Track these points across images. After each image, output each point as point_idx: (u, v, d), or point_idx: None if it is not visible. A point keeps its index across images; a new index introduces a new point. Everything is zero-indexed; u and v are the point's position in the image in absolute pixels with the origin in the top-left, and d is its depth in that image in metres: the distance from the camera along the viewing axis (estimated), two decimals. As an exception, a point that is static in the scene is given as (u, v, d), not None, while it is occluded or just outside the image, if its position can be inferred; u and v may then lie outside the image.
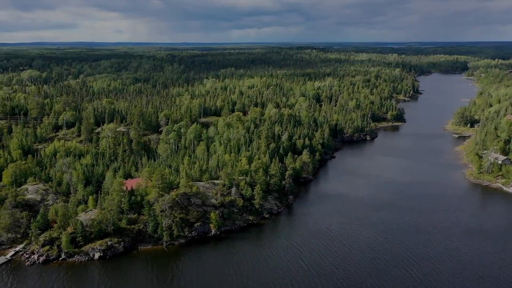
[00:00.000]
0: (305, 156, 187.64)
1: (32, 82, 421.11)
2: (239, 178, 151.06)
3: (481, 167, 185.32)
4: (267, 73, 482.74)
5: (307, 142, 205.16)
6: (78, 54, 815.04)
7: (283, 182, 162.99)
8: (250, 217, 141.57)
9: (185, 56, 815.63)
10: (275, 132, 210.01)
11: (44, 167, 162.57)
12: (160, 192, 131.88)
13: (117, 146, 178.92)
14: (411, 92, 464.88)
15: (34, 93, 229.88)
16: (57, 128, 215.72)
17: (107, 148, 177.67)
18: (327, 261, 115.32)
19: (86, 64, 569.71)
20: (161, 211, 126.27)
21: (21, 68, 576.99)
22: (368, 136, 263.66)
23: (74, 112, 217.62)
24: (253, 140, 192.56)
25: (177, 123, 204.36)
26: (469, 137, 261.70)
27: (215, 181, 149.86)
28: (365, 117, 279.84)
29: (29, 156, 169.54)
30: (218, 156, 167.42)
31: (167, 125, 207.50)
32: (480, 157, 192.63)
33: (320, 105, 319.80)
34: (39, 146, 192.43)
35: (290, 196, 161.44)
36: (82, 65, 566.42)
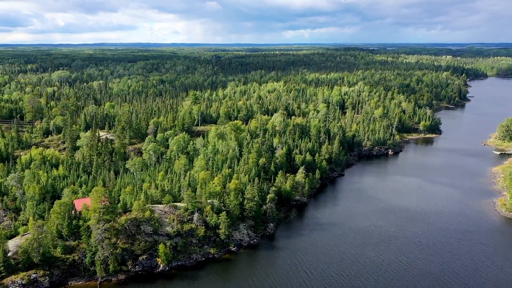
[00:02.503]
0: (300, 174, 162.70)
1: (60, 83, 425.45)
2: (208, 201, 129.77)
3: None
4: (298, 76, 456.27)
5: (308, 157, 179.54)
6: (124, 55, 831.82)
7: (264, 207, 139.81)
8: (212, 250, 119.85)
9: (228, 58, 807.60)
10: (274, 145, 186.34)
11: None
12: (104, 217, 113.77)
13: (93, 156, 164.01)
14: (457, 98, 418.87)
15: (31, 96, 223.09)
16: (48, 133, 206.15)
17: (82, 159, 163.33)
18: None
19: (119, 65, 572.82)
20: (96, 240, 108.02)
21: (61, 68, 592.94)
22: (390, 150, 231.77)
23: (64, 117, 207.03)
24: (244, 154, 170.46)
25: (167, 132, 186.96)
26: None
27: (178, 204, 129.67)
28: (390, 127, 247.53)
29: (0, 164, 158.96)
30: (194, 173, 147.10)
31: (156, 133, 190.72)
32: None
33: (344, 113, 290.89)
34: (22, 153, 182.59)
35: (271, 224, 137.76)
36: (115, 66, 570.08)
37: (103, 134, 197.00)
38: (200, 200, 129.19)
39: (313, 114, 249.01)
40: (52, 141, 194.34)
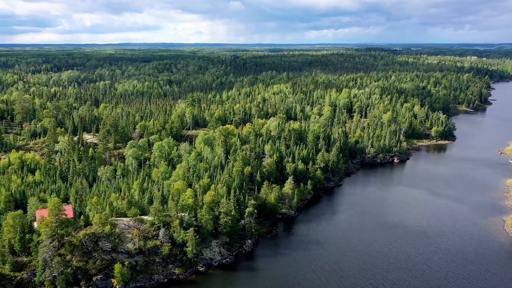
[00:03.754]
0: (288, 185, 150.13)
1: (68, 83, 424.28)
2: (178, 215, 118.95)
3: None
4: (309, 77, 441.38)
5: (300, 166, 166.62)
6: (143, 55, 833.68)
7: (243, 221, 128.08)
8: (177, 270, 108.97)
9: (245, 58, 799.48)
10: (266, 152, 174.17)
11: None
12: (59, 232, 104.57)
13: (72, 162, 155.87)
14: (477, 102, 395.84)
15: (21, 97, 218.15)
16: (35, 135, 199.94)
17: (59, 164, 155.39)
18: None
19: (132, 65, 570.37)
20: (43, 258, 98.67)
21: (76, 68, 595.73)
22: (396, 158, 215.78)
23: (52, 119, 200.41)
24: (230, 162, 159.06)
25: (152, 136, 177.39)
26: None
27: (145, 217, 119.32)
28: (396, 133, 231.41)
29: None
30: (170, 183, 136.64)
31: (142, 137, 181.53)
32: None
33: (352, 117, 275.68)
34: (3, 156, 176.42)
35: (249, 241, 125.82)
36: (127, 66, 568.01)
37: (89, 137, 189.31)
38: (170, 213, 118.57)
39: (314, 118, 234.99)
40: (37, 144, 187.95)
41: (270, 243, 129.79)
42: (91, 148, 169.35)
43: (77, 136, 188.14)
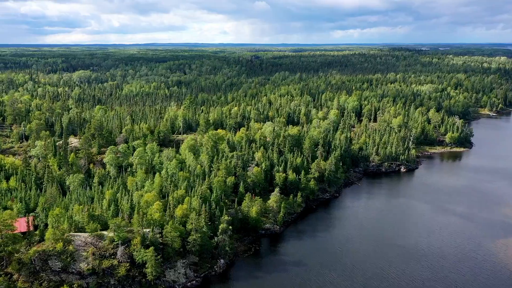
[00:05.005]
0: (273, 198, 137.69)
1: (79, 83, 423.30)
2: (141, 231, 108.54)
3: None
4: (322, 78, 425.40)
5: (291, 176, 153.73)
6: (164, 55, 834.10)
7: (216, 239, 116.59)
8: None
9: (266, 58, 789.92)
10: (256, 159, 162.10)
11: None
12: (6, 248, 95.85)
13: (47, 168, 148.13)
14: (501, 105, 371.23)
15: (12, 98, 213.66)
16: (23, 138, 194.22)
17: (34, 170, 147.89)
18: None
19: (145, 65, 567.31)
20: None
21: (91, 68, 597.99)
22: (403, 167, 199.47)
23: (40, 121, 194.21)
24: (213, 170, 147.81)
25: (135, 141, 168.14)
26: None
27: (106, 233, 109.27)
28: (405, 140, 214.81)
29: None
30: (141, 194, 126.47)
31: (127, 142, 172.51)
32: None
33: (361, 121, 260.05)
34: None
35: (221, 261, 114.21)
36: (140, 66, 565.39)
37: (75, 141, 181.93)
38: (132, 229, 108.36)
39: (316, 122, 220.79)
40: (21, 147, 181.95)
41: (247, 263, 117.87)
42: (72, 153, 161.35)
43: (61, 140, 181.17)
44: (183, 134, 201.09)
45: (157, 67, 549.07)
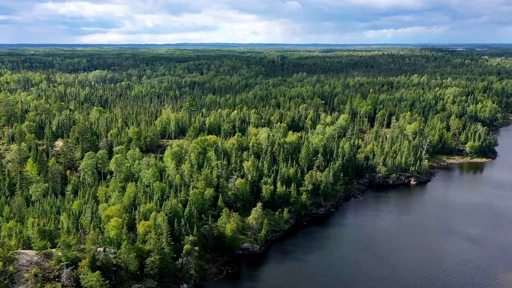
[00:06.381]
0: (253, 214, 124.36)
1: (96, 83, 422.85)
2: (94, 250, 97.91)
3: None
4: (341, 79, 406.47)
5: (280, 189, 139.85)
6: (189, 55, 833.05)
7: (180, 261, 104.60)
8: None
9: (290, 58, 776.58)
10: (245, 169, 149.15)
11: None
12: None
13: (19, 174, 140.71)
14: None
15: (6, 99, 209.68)
16: (12, 140, 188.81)
17: (7, 176, 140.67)
18: None
19: (163, 65, 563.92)
20: None
21: (112, 68, 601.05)
22: (413, 179, 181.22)
23: (33, 123, 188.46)
24: (193, 182, 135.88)
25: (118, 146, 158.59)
26: None
27: (55, 251, 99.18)
28: (418, 149, 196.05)
29: None
30: (106, 207, 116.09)
31: (112, 147, 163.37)
32: None
33: (373, 126, 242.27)
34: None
35: (184, 286, 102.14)
36: (157, 66, 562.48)
37: (61, 145, 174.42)
38: (84, 247, 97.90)
39: (320, 128, 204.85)
40: (7, 150, 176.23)
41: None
42: (53, 158, 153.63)
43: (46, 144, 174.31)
44: (174, 139, 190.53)
45: (175, 67, 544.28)
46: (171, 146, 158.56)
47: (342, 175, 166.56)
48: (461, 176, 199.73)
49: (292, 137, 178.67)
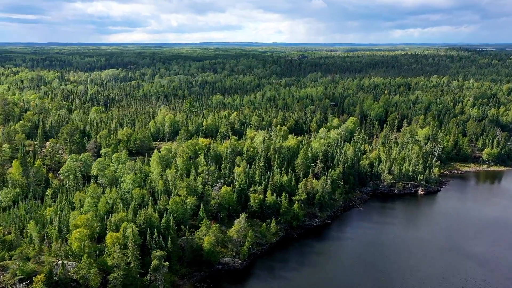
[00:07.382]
0: (236, 226, 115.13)
1: (108, 81, 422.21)
2: (54, 264, 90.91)
3: None
4: (356, 80, 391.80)
5: (269, 198, 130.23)
6: (207, 54, 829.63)
7: (148, 277, 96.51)
8: None
9: (310, 58, 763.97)
10: (235, 175, 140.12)
11: None
12: None
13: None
14: None
15: (3, 97, 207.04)
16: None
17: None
18: None
19: (178, 64, 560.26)
20: None
21: (129, 67, 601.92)
22: (421, 189, 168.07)
23: (27, 123, 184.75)
24: (175, 189, 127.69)
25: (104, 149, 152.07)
26: None
27: (11, 264, 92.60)
28: (429, 155, 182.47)
29: None
30: (76, 215, 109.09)
31: (100, 149, 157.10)
32: None
33: (382, 129, 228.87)
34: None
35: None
36: (173, 65, 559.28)
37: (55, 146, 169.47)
38: (43, 260, 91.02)
39: (322, 132, 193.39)
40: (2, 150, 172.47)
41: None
42: (38, 160, 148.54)
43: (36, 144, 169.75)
44: (168, 141, 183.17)
45: (190, 66, 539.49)
46: (159, 150, 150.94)
47: (342, 183, 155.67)
48: (475, 186, 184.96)
49: (291, 141, 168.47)
